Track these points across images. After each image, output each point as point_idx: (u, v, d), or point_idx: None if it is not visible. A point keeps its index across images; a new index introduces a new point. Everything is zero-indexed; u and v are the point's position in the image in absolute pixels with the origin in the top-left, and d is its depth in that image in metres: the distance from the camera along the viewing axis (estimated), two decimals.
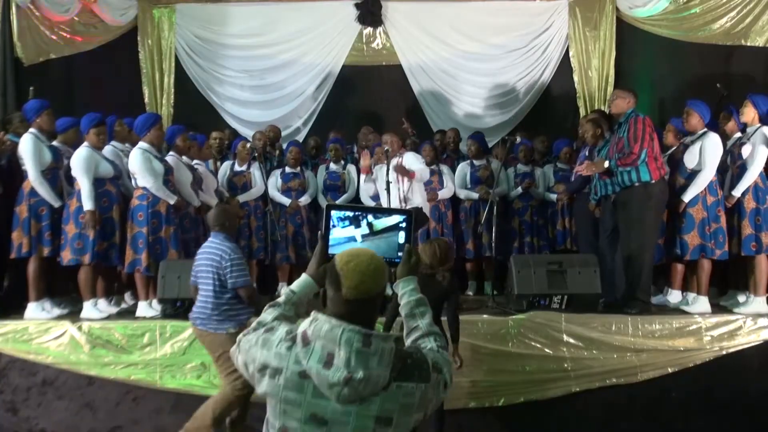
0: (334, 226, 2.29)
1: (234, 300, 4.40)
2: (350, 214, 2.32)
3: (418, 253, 2.34)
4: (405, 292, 2.24)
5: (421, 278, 3.20)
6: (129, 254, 5.63)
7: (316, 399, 1.87)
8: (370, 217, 2.32)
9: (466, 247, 7.11)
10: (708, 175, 5.56)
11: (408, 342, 2.15)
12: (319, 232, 2.35)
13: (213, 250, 4.42)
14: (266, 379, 1.93)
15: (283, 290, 2.29)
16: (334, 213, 2.31)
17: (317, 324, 1.89)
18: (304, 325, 1.94)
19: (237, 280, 4.36)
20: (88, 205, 5.52)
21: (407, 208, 6.05)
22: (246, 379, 2.10)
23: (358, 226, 2.32)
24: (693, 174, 5.64)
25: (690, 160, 5.67)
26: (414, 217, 2.36)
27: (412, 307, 2.21)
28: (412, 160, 6.44)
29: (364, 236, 2.31)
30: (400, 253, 2.30)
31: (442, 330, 4.36)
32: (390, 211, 2.38)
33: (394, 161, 6.29)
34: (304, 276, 2.31)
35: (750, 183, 5.55)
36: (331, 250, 2.27)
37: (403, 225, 2.32)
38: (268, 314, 2.17)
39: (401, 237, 2.32)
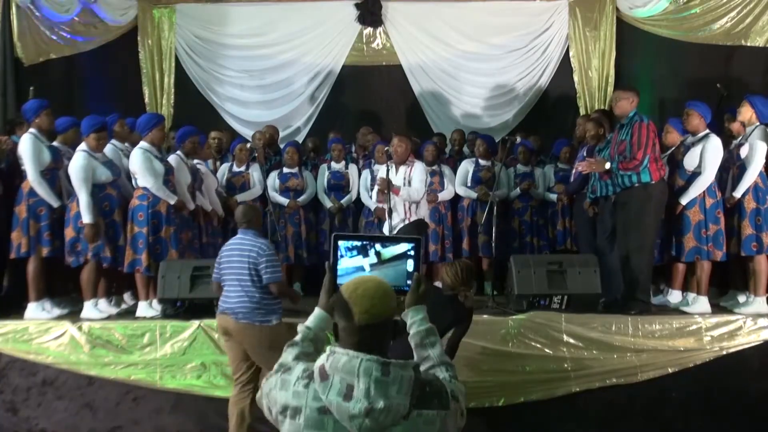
0: (342, 256, 2.29)
1: (269, 294, 4.47)
2: (358, 243, 2.32)
3: (427, 282, 2.31)
4: (414, 321, 2.22)
5: (442, 298, 3.21)
6: (129, 254, 5.63)
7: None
8: (378, 246, 2.32)
9: (462, 246, 7.09)
10: (707, 178, 5.56)
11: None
12: (327, 263, 2.34)
13: (247, 246, 4.46)
14: (287, 420, 1.92)
15: (299, 327, 2.27)
16: (341, 243, 2.30)
17: (335, 357, 1.88)
18: (321, 360, 1.92)
19: (272, 275, 4.40)
20: (86, 218, 5.50)
21: (413, 219, 6.07)
22: None
23: (366, 255, 2.31)
24: (692, 176, 5.64)
25: (690, 162, 5.67)
26: (416, 227, 2.38)
27: (423, 338, 2.19)
28: (419, 172, 6.17)
29: (372, 265, 2.31)
30: (409, 281, 2.28)
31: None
32: (398, 240, 2.37)
33: (402, 170, 6.19)
34: (316, 310, 2.28)
35: (750, 183, 5.54)
36: (339, 281, 2.26)
37: (412, 253, 2.31)
38: (288, 354, 2.16)
39: (410, 265, 2.31)
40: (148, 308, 5.69)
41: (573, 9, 9.33)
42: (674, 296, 5.99)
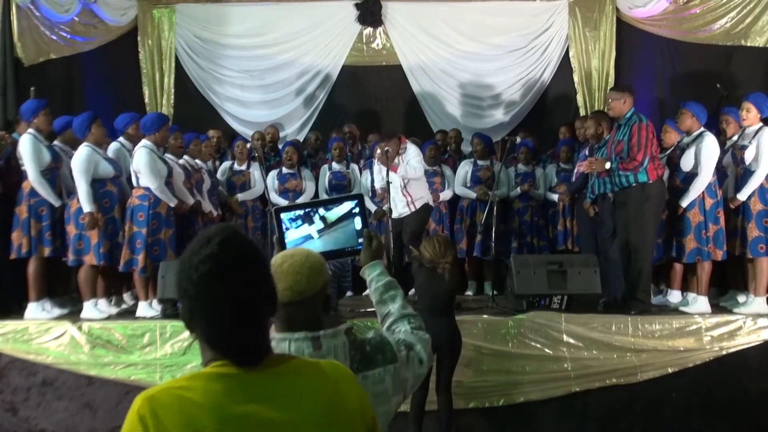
0: (287, 228, 2.22)
1: None
2: (301, 212, 2.25)
3: (378, 237, 2.25)
4: (372, 278, 2.17)
5: (424, 272, 3.17)
6: (126, 253, 5.61)
7: None
8: (321, 211, 2.25)
9: (460, 246, 7.10)
10: (705, 179, 5.55)
11: (383, 328, 2.10)
12: (273, 237, 2.26)
13: None
14: None
15: None
16: (284, 215, 2.23)
17: (288, 343, 1.84)
18: None
19: None
20: (86, 207, 5.51)
21: (417, 205, 6.10)
22: None
23: (311, 223, 2.24)
24: (689, 176, 5.63)
25: (686, 163, 5.67)
26: (423, 215, 2.33)
27: (381, 293, 2.14)
28: (413, 152, 6.34)
29: (320, 231, 2.23)
30: (360, 240, 2.22)
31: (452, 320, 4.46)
32: (340, 200, 2.29)
33: (398, 161, 6.24)
34: None
35: (756, 186, 5.52)
36: None
37: (357, 210, 2.25)
38: None
39: (357, 223, 2.25)
40: (148, 308, 5.69)
41: (573, 9, 9.31)
42: (674, 296, 6.00)
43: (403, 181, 6.23)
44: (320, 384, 1.40)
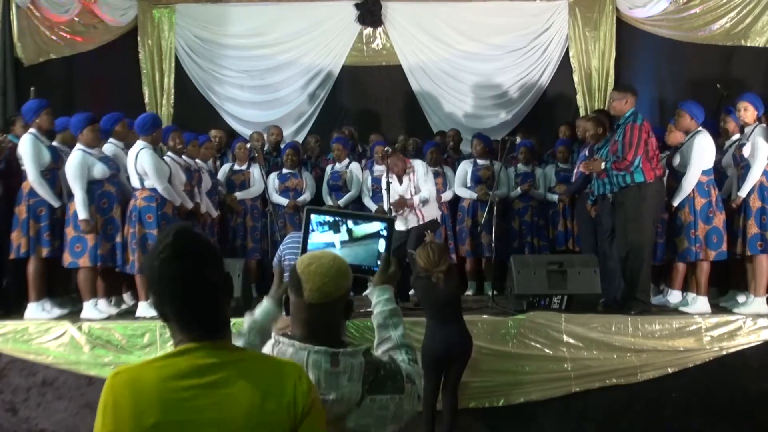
0: (313, 230, 2.22)
1: None
2: (330, 219, 2.24)
3: (397, 265, 2.26)
4: (379, 301, 2.17)
5: (421, 282, 3.19)
6: (139, 255, 5.57)
7: None
8: (350, 223, 2.24)
9: (464, 247, 7.11)
10: (692, 177, 5.54)
11: (378, 352, 2.09)
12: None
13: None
14: None
15: (246, 318, 2.20)
16: (314, 217, 2.23)
17: (280, 348, 1.86)
18: (266, 349, 1.90)
19: None
20: (82, 214, 5.50)
21: (427, 220, 6.12)
22: None
23: (337, 231, 2.24)
24: (680, 175, 5.64)
25: (675, 160, 5.71)
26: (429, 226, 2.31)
27: (386, 317, 2.14)
28: (422, 173, 6.29)
29: (343, 242, 2.23)
30: (379, 262, 2.22)
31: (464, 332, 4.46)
32: (371, 218, 2.30)
33: (405, 181, 6.25)
34: (265, 301, 2.22)
35: (754, 182, 5.52)
36: None
37: (384, 233, 2.24)
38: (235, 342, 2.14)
39: (381, 245, 2.24)
40: (148, 308, 5.67)
41: (573, 9, 9.32)
42: (674, 296, 5.99)
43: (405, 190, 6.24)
44: (258, 378, 1.53)
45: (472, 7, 9.39)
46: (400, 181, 6.25)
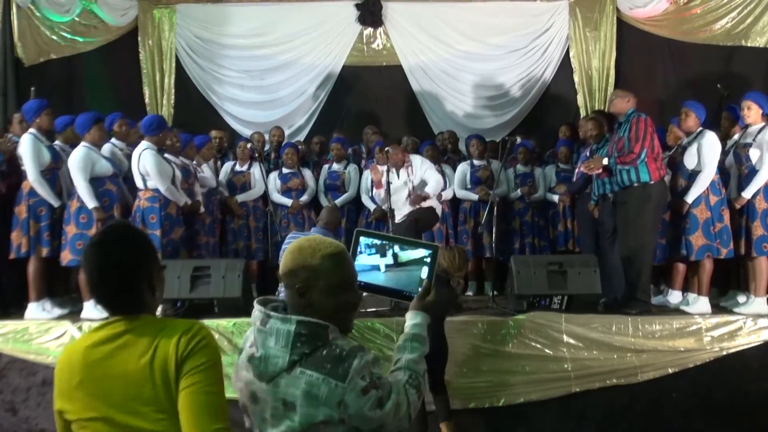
0: (360, 252, 2.27)
1: None
2: (378, 242, 2.29)
3: (436, 293, 2.26)
4: (410, 323, 2.19)
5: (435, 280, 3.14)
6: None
7: (252, 377, 1.93)
8: (396, 248, 2.29)
9: (466, 247, 7.10)
10: (708, 174, 5.54)
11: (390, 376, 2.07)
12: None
13: None
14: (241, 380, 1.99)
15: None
16: (363, 239, 2.28)
17: (254, 311, 1.98)
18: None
19: None
20: (90, 203, 5.53)
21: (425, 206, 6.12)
22: None
23: (383, 255, 2.28)
24: (694, 175, 5.63)
25: (689, 161, 5.66)
26: (427, 219, 2.33)
27: (406, 340, 2.14)
28: (419, 164, 6.32)
29: (387, 266, 2.28)
30: (419, 288, 2.25)
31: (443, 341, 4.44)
32: (417, 244, 2.32)
33: (402, 174, 6.25)
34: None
35: (760, 185, 5.51)
36: None
37: (428, 260, 2.27)
38: None
39: (424, 272, 2.26)
40: None
41: (573, 9, 9.32)
42: (674, 296, 5.99)
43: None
44: (153, 337, 1.85)
45: (473, 8, 9.39)
46: (398, 175, 6.24)
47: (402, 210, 6.24)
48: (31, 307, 5.64)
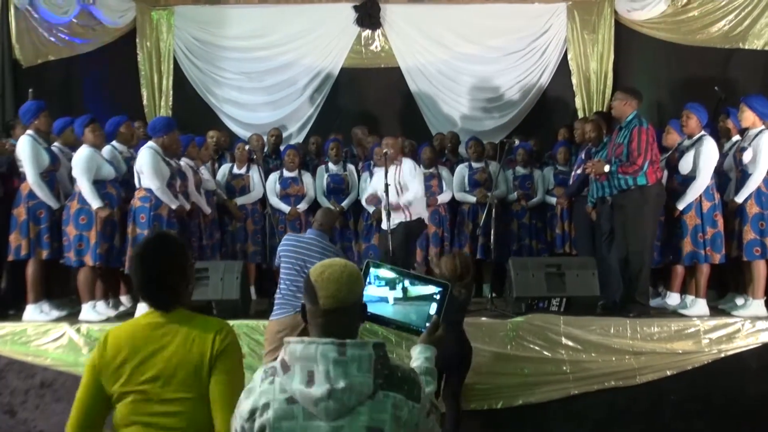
0: (370, 282, 2.25)
1: None
2: (389, 275, 2.29)
3: (444, 329, 2.28)
4: (418, 357, 2.22)
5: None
6: (130, 255, 5.61)
7: (307, 421, 1.83)
8: (406, 282, 2.29)
9: (464, 250, 7.09)
10: (702, 183, 5.56)
11: None
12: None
13: (325, 247, 4.87)
14: (257, 421, 1.87)
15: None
16: (373, 270, 2.27)
17: (290, 347, 1.88)
18: (280, 355, 1.91)
19: None
20: (94, 203, 5.53)
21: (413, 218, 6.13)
22: None
23: (393, 288, 2.28)
24: (687, 179, 5.65)
25: (685, 166, 5.68)
26: (414, 229, 2.32)
27: (421, 373, 2.15)
28: (409, 169, 6.29)
29: (396, 300, 2.27)
30: (428, 324, 2.27)
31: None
32: (428, 281, 2.32)
33: (391, 172, 6.18)
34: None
35: (753, 189, 5.53)
36: None
37: (437, 297, 2.28)
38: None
39: (432, 308, 2.28)
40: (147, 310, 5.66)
41: (571, 12, 9.33)
42: (672, 299, 6.00)
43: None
44: (190, 330, 2.30)
45: (471, 10, 9.38)
46: (386, 171, 6.21)
47: (394, 218, 6.18)
48: (30, 309, 5.63)
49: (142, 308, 5.67)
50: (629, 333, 5.27)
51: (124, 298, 6.29)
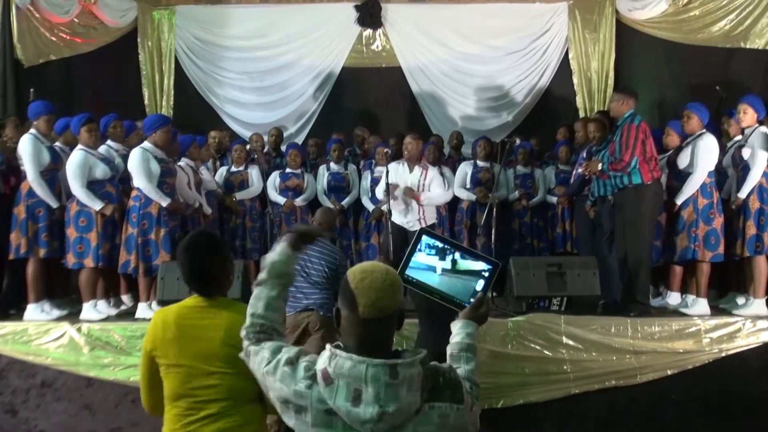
0: (420, 250, 2.24)
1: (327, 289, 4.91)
2: (440, 245, 2.25)
3: (489, 306, 2.28)
4: (459, 332, 2.19)
5: None
6: (122, 254, 5.61)
7: (347, 431, 1.81)
8: (457, 255, 2.26)
9: None
10: (699, 176, 5.57)
11: None
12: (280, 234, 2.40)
13: (327, 249, 4.92)
14: (292, 414, 1.87)
15: (262, 272, 2.22)
16: (425, 238, 2.25)
17: (338, 361, 1.80)
18: (323, 362, 1.85)
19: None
20: (95, 206, 5.53)
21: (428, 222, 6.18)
22: None
23: (443, 258, 2.25)
24: (684, 174, 5.66)
25: (682, 161, 5.69)
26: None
27: (461, 349, 2.15)
28: (436, 178, 6.43)
29: (444, 270, 2.25)
30: (472, 300, 2.25)
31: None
32: (479, 257, 2.29)
33: (416, 171, 6.29)
34: (281, 245, 2.26)
35: (754, 184, 5.53)
36: (408, 271, 2.22)
37: (486, 274, 2.26)
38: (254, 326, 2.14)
39: (480, 284, 2.26)
40: (147, 309, 5.68)
41: (572, 11, 9.33)
42: (673, 298, 5.99)
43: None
44: (232, 314, 2.56)
45: (472, 9, 9.39)
46: (411, 169, 6.27)
47: (408, 215, 6.24)
48: (30, 309, 5.63)
49: (143, 308, 5.71)
50: (630, 332, 5.26)
51: (125, 297, 6.30)
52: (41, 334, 5.37)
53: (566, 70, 9.38)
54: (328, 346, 1.89)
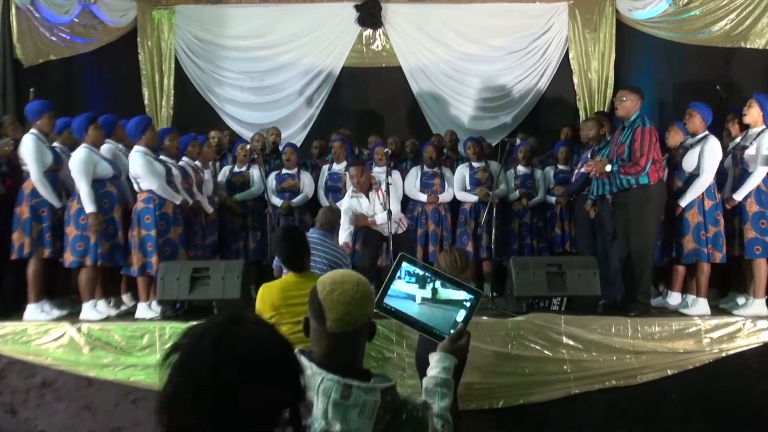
0: (399, 277, 2.15)
1: None
2: (420, 272, 2.16)
3: (469, 338, 2.15)
4: (436, 366, 2.09)
5: None
6: (139, 257, 5.59)
7: None
8: (437, 283, 2.16)
9: (466, 249, 7.09)
10: (706, 180, 5.55)
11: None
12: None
13: (330, 247, 5.14)
14: None
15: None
16: (405, 265, 2.16)
17: (302, 361, 1.76)
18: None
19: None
20: (89, 207, 5.50)
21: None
22: None
23: (423, 287, 2.15)
24: (691, 177, 5.64)
25: (689, 163, 5.67)
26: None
27: (436, 384, 2.06)
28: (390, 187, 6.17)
29: (424, 299, 2.15)
30: (451, 330, 2.14)
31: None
32: (461, 286, 2.19)
33: (372, 198, 6.24)
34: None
35: (753, 188, 5.51)
36: (387, 300, 2.12)
37: (467, 304, 2.15)
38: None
39: (460, 315, 2.15)
40: (147, 309, 5.68)
41: (573, 11, 9.34)
42: (673, 298, 5.98)
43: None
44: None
45: (472, 9, 9.40)
46: (368, 198, 6.19)
47: (343, 229, 6.10)
48: (30, 309, 5.63)
49: (143, 308, 5.70)
50: (630, 332, 5.26)
51: (126, 297, 6.30)
52: (41, 334, 5.37)
53: (566, 70, 9.38)
54: (296, 348, 1.86)
